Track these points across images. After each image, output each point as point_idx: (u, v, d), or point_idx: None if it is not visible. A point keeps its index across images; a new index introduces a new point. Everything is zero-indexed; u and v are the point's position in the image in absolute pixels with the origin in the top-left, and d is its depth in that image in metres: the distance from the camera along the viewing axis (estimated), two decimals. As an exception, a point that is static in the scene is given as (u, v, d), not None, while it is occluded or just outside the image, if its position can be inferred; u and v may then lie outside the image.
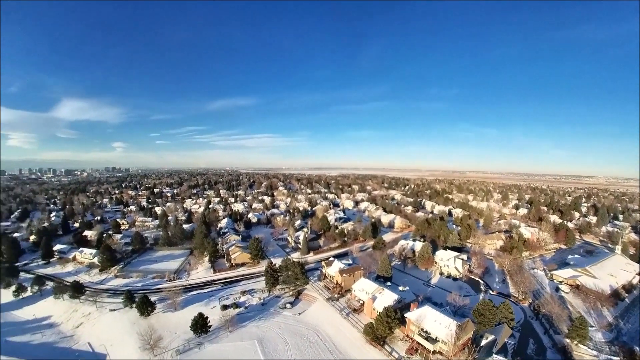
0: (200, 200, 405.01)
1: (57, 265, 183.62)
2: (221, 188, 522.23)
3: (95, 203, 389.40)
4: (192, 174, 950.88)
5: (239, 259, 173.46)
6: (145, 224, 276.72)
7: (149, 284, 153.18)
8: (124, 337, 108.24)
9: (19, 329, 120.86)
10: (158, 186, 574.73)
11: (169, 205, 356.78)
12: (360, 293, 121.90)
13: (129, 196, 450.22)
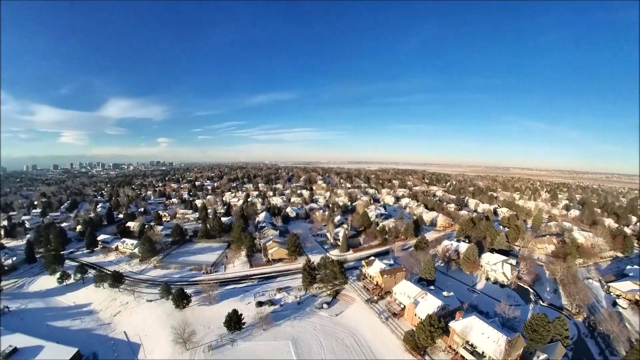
0: (239, 194, 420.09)
1: (100, 254, 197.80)
2: (260, 181, 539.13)
3: (140, 195, 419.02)
4: (232, 168, 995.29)
5: (276, 255, 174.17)
6: (186, 216, 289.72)
7: (186, 276, 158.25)
8: (159, 328, 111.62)
9: (60, 314, 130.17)
10: (199, 179, 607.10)
11: (208, 198, 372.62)
12: (401, 296, 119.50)
13: (172, 189, 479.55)
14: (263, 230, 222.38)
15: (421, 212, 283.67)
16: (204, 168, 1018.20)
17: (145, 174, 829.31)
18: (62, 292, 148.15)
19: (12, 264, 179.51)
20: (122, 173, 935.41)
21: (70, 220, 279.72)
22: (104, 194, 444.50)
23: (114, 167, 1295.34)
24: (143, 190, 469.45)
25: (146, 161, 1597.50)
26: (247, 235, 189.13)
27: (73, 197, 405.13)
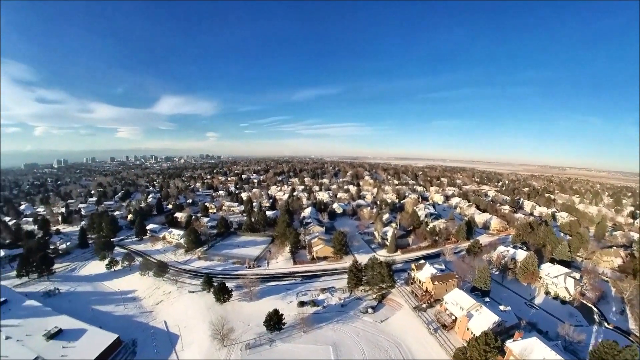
0: (285, 188, 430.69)
1: (148, 242, 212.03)
2: (306, 176, 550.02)
3: (189, 187, 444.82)
4: (278, 162, 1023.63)
5: (321, 253, 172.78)
6: (232, 208, 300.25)
7: (229, 269, 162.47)
8: (198, 321, 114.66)
9: (106, 299, 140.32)
10: (246, 172, 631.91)
11: (254, 191, 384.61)
12: (452, 307, 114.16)
13: (219, 181, 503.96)
14: (308, 226, 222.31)
15: (473, 213, 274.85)
16: (251, 161, 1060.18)
17: (195, 166, 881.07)
18: (109, 278, 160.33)
19: (66, 249, 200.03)
20: (173, 165, 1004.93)
21: (123, 209, 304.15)
22: (156, 185, 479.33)
23: (165, 159, 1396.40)
24: (192, 182, 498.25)
25: (196, 154, 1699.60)
26: (292, 230, 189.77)
27: (127, 187, 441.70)
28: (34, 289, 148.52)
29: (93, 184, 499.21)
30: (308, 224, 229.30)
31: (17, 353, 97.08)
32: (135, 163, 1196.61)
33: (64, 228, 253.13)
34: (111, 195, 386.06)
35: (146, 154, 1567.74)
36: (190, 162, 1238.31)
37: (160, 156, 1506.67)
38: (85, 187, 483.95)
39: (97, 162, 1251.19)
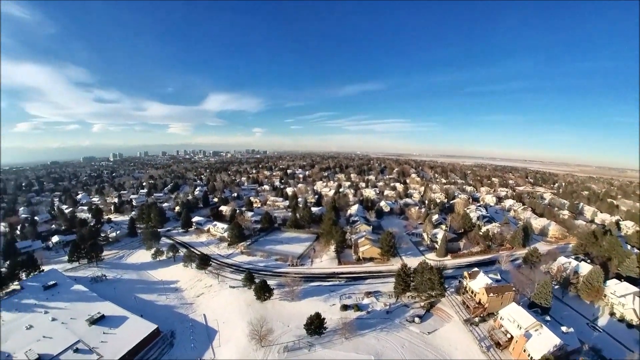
0: (330, 183, 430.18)
1: (193, 234, 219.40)
2: (352, 172, 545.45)
3: (234, 181, 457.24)
4: (324, 157, 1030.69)
5: (367, 253, 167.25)
6: (276, 203, 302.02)
7: (271, 266, 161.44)
8: (237, 317, 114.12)
9: (149, 287, 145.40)
10: (291, 167, 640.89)
11: (299, 186, 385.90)
12: (508, 323, 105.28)
13: (264, 176, 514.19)
14: (355, 224, 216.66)
15: (529, 217, 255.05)
16: (296, 156, 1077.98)
17: (241, 161, 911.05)
18: (154, 267, 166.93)
19: (116, 237, 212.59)
20: (220, 160, 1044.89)
21: (171, 201, 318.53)
22: (203, 178, 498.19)
23: (213, 154, 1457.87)
24: (237, 177, 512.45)
25: (242, 149, 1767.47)
26: (339, 229, 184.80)
27: (176, 180, 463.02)
28: (83, 274, 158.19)
29: (145, 177, 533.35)
30: (355, 222, 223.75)
31: (61, 335, 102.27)
32: (184, 157, 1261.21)
33: (116, 217, 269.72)
34: (161, 187, 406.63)
35: (195, 149, 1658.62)
36: (236, 156, 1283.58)
37: (209, 151, 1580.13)
38: (138, 179, 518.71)
39: (149, 156, 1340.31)
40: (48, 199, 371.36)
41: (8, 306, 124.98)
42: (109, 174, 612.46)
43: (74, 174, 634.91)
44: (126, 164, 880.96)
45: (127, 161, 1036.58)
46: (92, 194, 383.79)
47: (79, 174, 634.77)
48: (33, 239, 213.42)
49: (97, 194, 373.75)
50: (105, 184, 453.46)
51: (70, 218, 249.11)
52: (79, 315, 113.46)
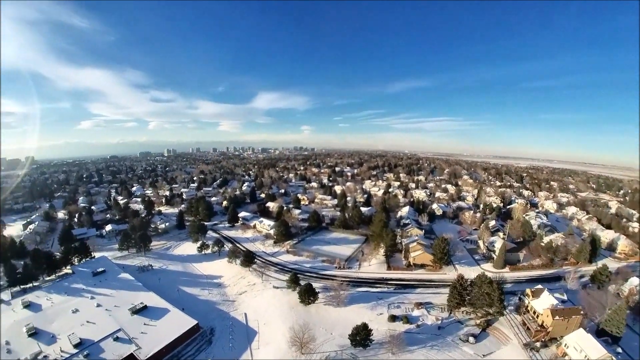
0: (379, 183, 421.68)
1: (239, 230, 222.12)
2: (401, 171, 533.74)
3: (282, 177, 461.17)
4: (372, 155, 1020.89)
5: (419, 259, 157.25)
6: (324, 201, 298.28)
7: (317, 267, 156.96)
8: (278, 320, 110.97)
9: (193, 281, 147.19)
10: (339, 165, 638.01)
11: (348, 184, 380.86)
12: (574, 353, 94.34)
13: (312, 173, 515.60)
14: (406, 228, 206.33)
15: (594, 228, 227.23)
16: (344, 154, 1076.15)
17: (289, 157, 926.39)
18: (199, 260, 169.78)
19: (165, 228, 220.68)
20: (268, 156, 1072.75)
21: (219, 195, 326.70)
22: (251, 174, 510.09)
23: (262, 151, 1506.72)
24: (285, 173, 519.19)
25: (290, 146, 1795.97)
26: (390, 232, 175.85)
27: (225, 175, 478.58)
28: (131, 263, 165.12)
29: (196, 171, 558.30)
30: (406, 225, 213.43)
31: (104, 322, 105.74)
32: (234, 153, 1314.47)
33: (166, 209, 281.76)
34: (210, 182, 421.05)
35: (244, 146, 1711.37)
36: (284, 153, 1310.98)
37: (257, 147, 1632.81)
38: (189, 173, 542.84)
39: (201, 152, 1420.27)
40: (106, 190, 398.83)
41: (58, 289, 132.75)
42: (162, 169, 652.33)
43: (131, 167, 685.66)
44: (179, 159, 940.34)
45: (180, 156, 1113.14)
46: (146, 186, 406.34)
47: (135, 167, 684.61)
48: (89, 226, 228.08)
49: (151, 187, 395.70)
50: (158, 178, 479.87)
51: (124, 208, 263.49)
52: (122, 303, 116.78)
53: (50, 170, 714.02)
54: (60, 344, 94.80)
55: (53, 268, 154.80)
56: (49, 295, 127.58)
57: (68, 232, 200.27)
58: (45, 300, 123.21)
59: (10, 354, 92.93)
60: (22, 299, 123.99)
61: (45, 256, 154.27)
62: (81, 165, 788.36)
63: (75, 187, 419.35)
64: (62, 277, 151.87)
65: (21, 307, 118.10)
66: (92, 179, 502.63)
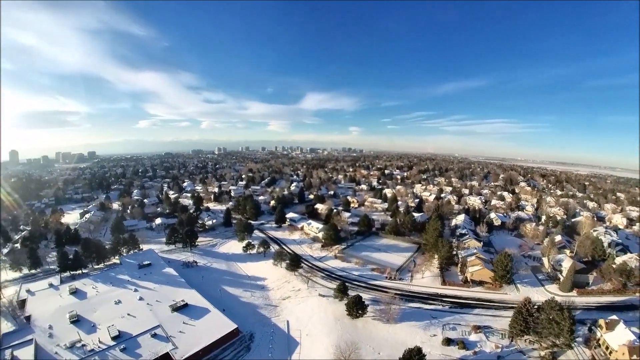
0: (430, 187, 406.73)
1: (286, 231, 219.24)
2: (452, 176, 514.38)
3: (331, 178, 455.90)
4: (421, 158, 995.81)
5: (477, 275, 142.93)
6: (374, 205, 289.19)
7: (366, 276, 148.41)
8: (322, 332, 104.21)
9: (236, 281, 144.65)
10: (388, 168, 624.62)
11: (398, 188, 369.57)
12: None
13: (362, 175, 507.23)
14: (463, 238, 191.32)
15: None
16: (393, 157, 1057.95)
17: (338, 158, 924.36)
18: (243, 260, 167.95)
19: (212, 225, 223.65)
20: (317, 157, 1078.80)
21: (267, 194, 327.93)
22: (300, 174, 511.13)
23: (310, 151, 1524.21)
24: (334, 174, 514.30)
25: (338, 147, 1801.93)
26: (445, 242, 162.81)
27: (273, 174, 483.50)
28: (176, 257, 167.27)
29: (244, 169, 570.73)
30: (463, 235, 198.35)
31: (144, 316, 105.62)
32: (282, 153, 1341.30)
33: (214, 206, 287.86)
34: (258, 180, 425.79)
35: (293, 145, 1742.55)
36: (333, 154, 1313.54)
37: (305, 147, 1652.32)
38: (238, 171, 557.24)
39: (250, 151, 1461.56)
40: (158, 185, 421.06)
41: (105, 278, 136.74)
42: (212, 166, 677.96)
43: (183, 164, 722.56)
44: (229, 157, 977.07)
45: (229, 155, 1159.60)
46: (196, 182, 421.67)
47: (187, 164, 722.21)
48: (140, 218, 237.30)
49: (201, 183, 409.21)
50: (208, 175, 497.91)
51: (174, 203, 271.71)
52: (164, 299, 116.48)
53: (110, 164, 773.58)
54: (99, 335, 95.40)
55: (102, 257, 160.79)
56: (95, 283, 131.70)
57: (120, 222, 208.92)
58: (91, 289, 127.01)
59: (52, 338, 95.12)
60: (69, 285, 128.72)
61: (95, 245, 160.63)
62: (137, 161, 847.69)
63: (131, 181, 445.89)
64: (110, 266, 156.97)
65: (68, 293, 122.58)
66: (146, 174, 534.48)
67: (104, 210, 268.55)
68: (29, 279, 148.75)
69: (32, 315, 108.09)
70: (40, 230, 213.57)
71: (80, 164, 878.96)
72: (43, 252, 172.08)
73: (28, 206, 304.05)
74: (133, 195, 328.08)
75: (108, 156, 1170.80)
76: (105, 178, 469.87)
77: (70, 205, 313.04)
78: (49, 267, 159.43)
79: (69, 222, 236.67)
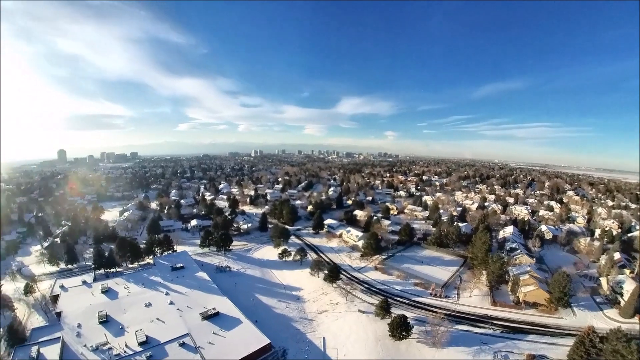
0: (472, 195, 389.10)
1: (324, 237, 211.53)
2: (495, 183, 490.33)
3: (368, 184, 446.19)
4: (459, 164, 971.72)
5: (530, 296, 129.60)
6: (414, 213, 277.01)
7: (409, 292, 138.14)
8: (362, 354, 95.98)
9: (270, 290, 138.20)
10: (426, 173, 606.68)
11: (439, 195, 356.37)
12: None
13: (399, 181, 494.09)
14: (514, 254, 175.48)
15: None
16: (430, 162, 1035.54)
17: (374, 163, 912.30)
18: (278, 267, 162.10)
19: (247, 229, 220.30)
20: (353, 161, 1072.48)
21: (304, 199, 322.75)
22: (337, 178, 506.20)
23: (346, 155, 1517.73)
24: (371, 179, 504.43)
25: (374, 152, 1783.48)
26: (497, 257, 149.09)
27: (310, 178, 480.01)
28: (210, 261, 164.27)
29: (281, 172, 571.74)
30: (513, 250, 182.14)
31: (173, 322, 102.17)
32: (318, 156, 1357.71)
33: (250, 209, 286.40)
34: (295, 184, 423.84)
35: (328, 149, 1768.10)
36: (369, 158, 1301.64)
37: (341, 152, 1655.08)
38: (274, 174, 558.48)
39: (286, 154, 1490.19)
40: (195, 186, 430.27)
41: (137, 279, 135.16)
42: (249, 168, 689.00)
43: (220, 166, 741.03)
44: (265, 160, 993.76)
45: (266, 157, 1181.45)
46: (233, 185, 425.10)
47: (224, 166, 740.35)
48: (176, 219, 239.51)
49: (237, 185, 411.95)
50: (244, 177, 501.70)
51: (210, 205, 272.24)
52: (195, 305, 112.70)
53: (150, 164, 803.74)
54: (126, 338, 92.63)
55: (136, 256, 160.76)
56: (128, 283, 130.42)
57: (156, 222, 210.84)
58: (122, 289, 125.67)
59: (79, 338, 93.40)
60: (102, 283, 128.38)
61: (130, 244, 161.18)
62: (177, 162, 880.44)
63: (169, 181, 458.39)
64: (144, 266, 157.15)
65: (100, 291, 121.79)
66: (184, 175, 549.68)
67: (142, 209, 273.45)
68: (65, 273, 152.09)
69: (62, 311, 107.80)
70: (80, 226, 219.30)
71: (122, 163, 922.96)
72: (81, 248, 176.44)
73: (71, 202, 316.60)
74: (171, 196, 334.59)
75: (149, 157, 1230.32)
76: (145, 178, 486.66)
77: (111, 203, 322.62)
78: (85, 263, 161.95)
79: (108, 220, 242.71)
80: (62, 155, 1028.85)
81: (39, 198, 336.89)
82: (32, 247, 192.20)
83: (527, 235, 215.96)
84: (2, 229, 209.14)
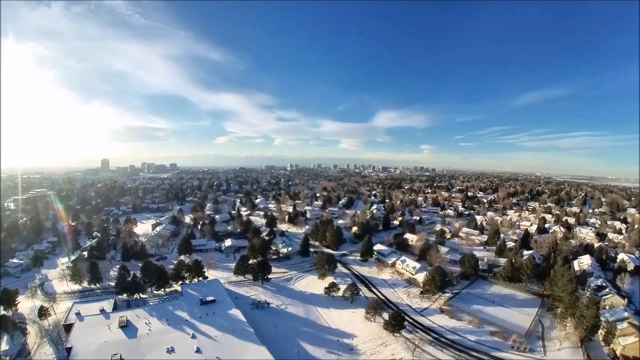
0: (525, 214, 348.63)
1: (373, 266, 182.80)
2: (548, 201, 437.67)
3: (413, 201, 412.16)
4: (502, 178, 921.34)
5: (631, 350, 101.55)
6: (470, 237, 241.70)
7: (485, 342, 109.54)
8: None
9: (317, 336, 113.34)
10: (470, 189, 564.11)
11: (491, 215, 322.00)
12: None
13: (443, 197, 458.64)
14: (602, 293, 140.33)
15: None
16: (469, 176, 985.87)
17: (412, 178, 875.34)
18: (325, 304, 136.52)
19: (287, 253, 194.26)
20: (390, 176, 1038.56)
21: (346, 217, 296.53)
22: (377, 194, 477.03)
23: (382, 169, 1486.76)
24: (413, 195, 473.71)
25: (410, 166, 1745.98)
26: (590, 302, 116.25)
27: (349, 194, 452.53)
28: (245, 293, 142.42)
29: (318, 187, 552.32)
30: (601, 288, 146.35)
31: None
32: (355, 171, 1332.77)
33: (289, 228, 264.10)
34: (335, 201, 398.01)
35: (365, 163, 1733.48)
36: (405, 172, 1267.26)
37: (377, 166, 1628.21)
38: (312, 189, 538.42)
39: (322, 168, 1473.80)
40: (231, 199, 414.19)
41: (161, 312, 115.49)
42: (285, 182, 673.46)
43: (256, 179, 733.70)
44: (301, 174, 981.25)
45: (302, 171, 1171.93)
46: (269, 199, 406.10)
47: (261, 179, 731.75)
48: (209, 237, 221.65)
49: (274, 200, 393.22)
50: (281, 191, 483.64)
51: (246, 222, 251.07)
52: (226, 355, 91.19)
53: (188, 176, 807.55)
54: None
55: (163, 283, 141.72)
56: (150, 317, 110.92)
57: (188, 241, 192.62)
58: (143, 324, 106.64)
59: None
60: (121, 315, 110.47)
61: (156, 269, 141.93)
62: (214, 174, 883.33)
63: (205, 194, 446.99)
64: (170, 294, 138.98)
65: (117, 326, 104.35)
66: (220, 187, 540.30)
67: (176, 224, 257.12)
68: (87, 294, 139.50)
69: (73, 347, 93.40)
70: (110, 239, 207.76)
71: (162, 174, 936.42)
72: (106, 265, 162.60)
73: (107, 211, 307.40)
74: (205, 210, 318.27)
75: (187, 168, 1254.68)
76: (182, 189, 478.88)
77: (145, 214, 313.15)
78: (109, 283, 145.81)
79: (139, 233, 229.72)
80: (105, 164, 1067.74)
81: (76, 206, 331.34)
82: (60, 259, 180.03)
83: (604, 266, 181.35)
84: (35, 237, 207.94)
